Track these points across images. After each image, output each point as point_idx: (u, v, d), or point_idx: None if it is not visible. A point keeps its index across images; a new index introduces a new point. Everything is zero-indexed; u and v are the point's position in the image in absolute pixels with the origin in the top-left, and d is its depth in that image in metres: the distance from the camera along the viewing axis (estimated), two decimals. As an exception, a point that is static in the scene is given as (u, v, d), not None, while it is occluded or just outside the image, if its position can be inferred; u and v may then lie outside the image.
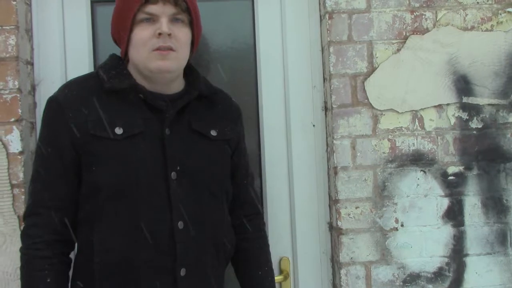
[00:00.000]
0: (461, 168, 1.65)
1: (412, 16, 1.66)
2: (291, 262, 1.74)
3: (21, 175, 1.54)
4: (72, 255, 1.28)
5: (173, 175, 1.23)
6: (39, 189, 1.23)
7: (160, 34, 1.21)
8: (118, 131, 1.21)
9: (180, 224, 1.23)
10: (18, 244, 1.50)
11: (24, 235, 1.24)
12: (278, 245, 1.75)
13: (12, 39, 1.56)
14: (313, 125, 1.75)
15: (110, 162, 1.21)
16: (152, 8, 1.22)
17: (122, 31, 1.27)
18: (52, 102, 1.25)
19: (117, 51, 1.35)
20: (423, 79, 1.65)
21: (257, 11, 1.77)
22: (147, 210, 1.21)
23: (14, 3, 1.56)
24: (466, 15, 1.66)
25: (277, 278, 1.70)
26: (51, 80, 1.68)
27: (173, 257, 1.22)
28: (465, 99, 1.66)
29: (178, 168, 1.24)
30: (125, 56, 1.31)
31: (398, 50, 1.65)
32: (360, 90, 1.64)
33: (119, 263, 1.20)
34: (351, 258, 1.62)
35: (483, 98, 1.66)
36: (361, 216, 1.62)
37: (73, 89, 1.27)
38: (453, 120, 1.65)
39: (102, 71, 1.28)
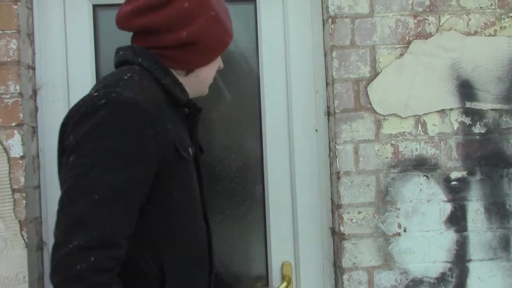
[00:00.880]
0: (464, 173, 1.64)
1: (415, 21, 1.65)
2: (293, 267, 1.74)
3: (22, 179, 1.53)
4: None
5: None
6: (119, 213, 0.97)
7: (219, 67, 1.29)
8: (190, 151, 1.15)
9: (211, 241, 1.25)
10: (18, 249, 1.52)
11: (97, 270, 0.92)
12: (281, 250, 1.74)
13: (14, 43, 1.55)
14: (316, 130, 1.75)
15: (187, 186, 1.14)
16: None
17: (218, 49, 1.23)
18: (135, 105, 1.00)
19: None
20: (426, 84, 1.64)
21: (260, 16, 1.76)
22: (200, 232, 1.20)
23: (16, 7, 1.56)
24: (469, 20, 1.66)
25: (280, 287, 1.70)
26: (52, 85, 1.68)
27: (212, 273, 1.24)
28: (468, 104, 1.65)
29: (203, 183, 1.25)
30: (170, 62, 1.18)
31: (401, 54, 1.64)
32: (363, 95, 1.63)
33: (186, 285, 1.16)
34: (354, 263, 1.61)
35: (486, 103, 1.65)
36: (364, 221, 1.62)
37: (147, 92, 1.06)
38: (456, 125, 1.65)
39: (158, 74, 1.14)
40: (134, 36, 1.21)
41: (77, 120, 1.00)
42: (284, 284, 1.69)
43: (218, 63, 1.27)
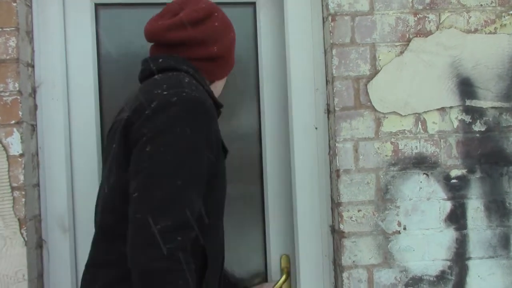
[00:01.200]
0: (464, 171, 1.64)
1: (415, 19, 1.65)
2: (292, 265, 1.74)
3: (21, 177, 1.53)
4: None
5: None
6: (195, 198, 1.10)
7: None
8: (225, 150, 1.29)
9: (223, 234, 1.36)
10: (18, 247, 1.51)
11: (183, 248, 1.05)
12: (280, 247, 1.75)
13: (13, 41, 1.55)
14: (316, 128, 1.75)
15: (224, 182, 1.26)
16: None
17: (232, 65, 1.42)
18: (204, 105, 1.14)
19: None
20: (426, 81, 1.64)
21: (259, 14, 1.76)
22: (222, 223, 1.32)
23: (15, 4, 1.55)
24: (470, 17, 1.66)
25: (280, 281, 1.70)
26: (52, 83, 1.67)
27: (223, 264, 1.35)
28: (468, 102, 1.65)
29: None
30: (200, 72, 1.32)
31: (401, 52, 1.64)
32: (363, 92, 1.63)
33: (218, 270, 1.29)
34: (353, 261, 1.61)
35: (486, 101, 1.65)
36: (364, 219, 1.62)
37: (204, 94, 1.19)
38: (456, 123, 1.65)
39: (200, 80, 1.27)
40: (162, 47, 1.30)
41: (150, 114, 1.11)
42: (283, 278, 1.69)
43: (226, 79, 1.45)
